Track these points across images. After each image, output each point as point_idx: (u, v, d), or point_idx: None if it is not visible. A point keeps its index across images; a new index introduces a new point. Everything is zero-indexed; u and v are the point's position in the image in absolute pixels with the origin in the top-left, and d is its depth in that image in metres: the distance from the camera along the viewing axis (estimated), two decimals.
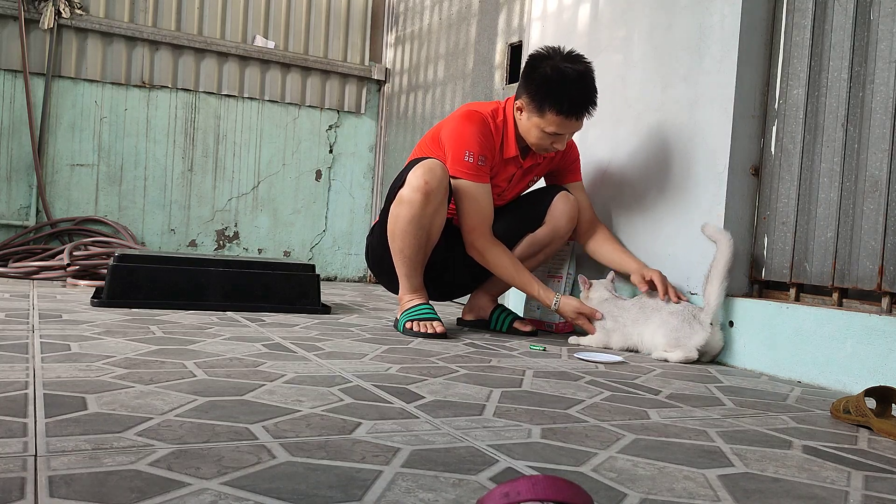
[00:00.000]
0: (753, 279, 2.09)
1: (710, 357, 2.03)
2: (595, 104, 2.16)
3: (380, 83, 4.47)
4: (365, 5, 4.44)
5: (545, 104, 2.12)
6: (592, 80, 2.15)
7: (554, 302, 2.24)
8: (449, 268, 2.40)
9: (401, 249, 2.18)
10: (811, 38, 1.96)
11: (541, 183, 2.52)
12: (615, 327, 2.17)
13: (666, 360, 2.01)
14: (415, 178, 2.11)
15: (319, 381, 1.42)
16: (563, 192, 2.35)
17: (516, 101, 2.22)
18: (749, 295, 2.08)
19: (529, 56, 2.21)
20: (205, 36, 4.01)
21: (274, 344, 1.86)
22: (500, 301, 2.54)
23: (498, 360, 1.84)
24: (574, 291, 2.56)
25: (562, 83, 2.10)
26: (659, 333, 2.04)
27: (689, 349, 1.98)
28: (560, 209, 2.33)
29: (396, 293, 2.35)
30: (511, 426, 1.17)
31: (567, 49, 2.17)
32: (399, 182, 2.19)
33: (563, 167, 2.43)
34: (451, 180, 2.18)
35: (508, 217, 2.37)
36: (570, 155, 2.42)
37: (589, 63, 2.16)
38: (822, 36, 1.94)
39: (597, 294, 2.27)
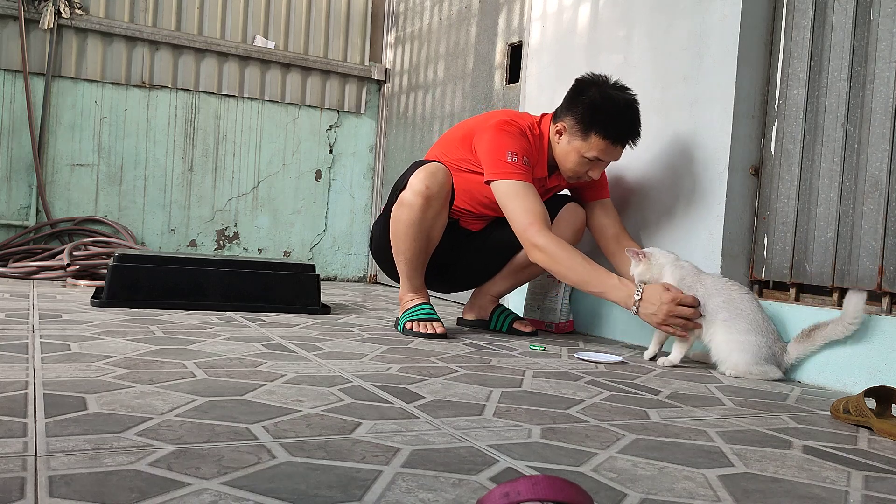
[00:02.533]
0: (753, 279, 2.09)
1: None
2: (639, 135, 2.12)
3: (380, 83, 4.47)
4: (365, 5, 4.44)
5: (591, 128, 2.07)
6: (639, 111, 2.11)
7: (636, 301, 1.91)
8: (451, 268, 2.41)
9: (402, 251, 2.18)
10: (811, 38, 1.96)
11: None
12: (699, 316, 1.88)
13: (724, 373, 1.86)
14: (416, 181, 2.10)
15: (319, 381, 1.42)
16: (571, 203, 2.32)
17: (556, 124, 2.16)
18: None
19: (576, 80, 2.16)
20: (205, 36, 4.01)
21: (274, 344, 1.86)
22: (500, 301, 2.54)
23: (498, 360, 1.84)
24: (573, 295, 2.56)
25: (612, 109, 2.07)
26: (744, 356, 1.80)
27: (754, 375, 1.81)
28: (566, 220, 2.30)
29: (394, 279, 2.34)
30: (511, 426, 1.17)
31: (614, 79, 2.13)
32: (402, 182, 2.18)
33: (590, 184, 2.32)
34: (493, 184, 2.09)
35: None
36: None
37: (635, 95, 2.12)
38: (822, 36, 1.94)
39: (671, 274, 1.92)
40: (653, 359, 2.01)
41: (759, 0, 2.06)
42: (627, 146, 2.13)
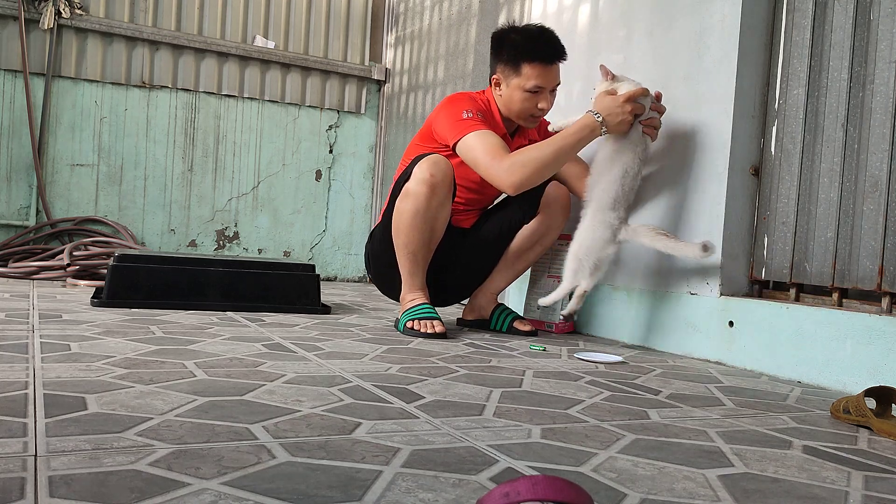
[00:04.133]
0: (753, 279, 2.09)
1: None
2: (565, 51, 2.23)
3: (380, 83, 4.47)
4: (365, 5, 4.44)
5: (519, 60, 2.19)
6: (555, 33, 2.24)
7: (597, 118, 2.03)
8: (449, 272, 2.41)
9: (405, 245, 2.19)
10: (811, 38, 1.96)
11: None
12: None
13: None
14: (420, 171, 2.13)
15: (319, 381, 1.42)
16: (553, 182, 2.35)
17: (492, 79, 2.28)
18: (749, 295, 2.07)
19: (492, 36, 2.31)
20: (205, 36, 4.01)
21: (274, 344, 1.86)
22: (500, 300, 2.54)
23: (498, 360, 1.84)
24: (573, 295, 2.55)
25: (529, 38, 2.20)
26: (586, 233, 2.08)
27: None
28: (553, 198, 2.33)
29: (396, 299, 2.36)
30: (511, 426, 1.17)
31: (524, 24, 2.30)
32: (402, 180, 2.20)
33: None
34: (457, 146, 2.16)
35: (503, 210, 2.40)
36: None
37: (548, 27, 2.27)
38: (822, 36, 1.94)
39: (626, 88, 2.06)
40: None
41: (759, 0, 2.06)
42: (560, 64, 2.22)
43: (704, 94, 2.13)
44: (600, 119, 2.03)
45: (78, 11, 3.68)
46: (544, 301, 2.08)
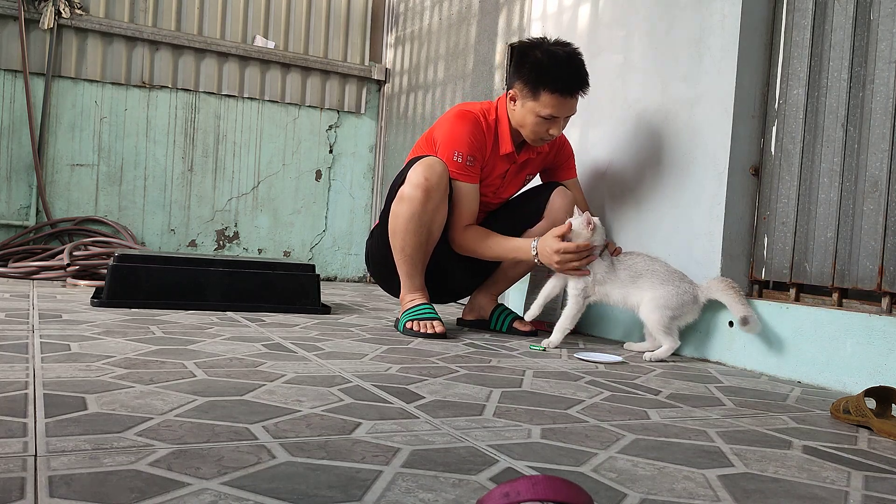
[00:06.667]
0: (753, 279, 2.09)
1: None
2: (588, 83, 2.18)
3: (380, 83, 4.47)
4: (365, 5, 4.44)
5: (539, 86, 2.13)
6: (582, 60, 2.18)
7: (533, 252, 2.15)
8: (449, 273, 2.41)
9: (402, 248, 2.19)
10: (811, 38, 1.96)
11: (536, 181, 2.53)
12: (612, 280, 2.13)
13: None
14: (415, 175, 2.12)
15: (319, 381, 1.42)
16: (560, 188, 2.35)
17: (509, 92, 2.23)
18: (749, 295, 2.07)
19: (518, 47, 2.24)
20: (205, 36, 4.01)
21: (274, 344, 1.86)
22: (499, 301, 2.54)
23: (498, 360, 1.84)
24: None
25: (554, 64, 2.13)
26: (652, 309, 2.04)
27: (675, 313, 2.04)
28: (558, 204, 2.32)
29: (396, 296, 2.36)
30: (511, 426, 1.17)
31: (553, 38, 2.22)
32: (399, 181, 2.20)
33: (557, 163, 2.43)
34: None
35: (507, 214, 2.38)
36: (564, 151, 2.43)
37: (577, 47, 2.20)
38: (822, 36, 1.94)
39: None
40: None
41: (759, 0, 2.06)
42: (579, 97, 2.18)
43: (704, 94, 2.13)
44: (535, 253, 2.14)
45: (78, 11, 3.68)
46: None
